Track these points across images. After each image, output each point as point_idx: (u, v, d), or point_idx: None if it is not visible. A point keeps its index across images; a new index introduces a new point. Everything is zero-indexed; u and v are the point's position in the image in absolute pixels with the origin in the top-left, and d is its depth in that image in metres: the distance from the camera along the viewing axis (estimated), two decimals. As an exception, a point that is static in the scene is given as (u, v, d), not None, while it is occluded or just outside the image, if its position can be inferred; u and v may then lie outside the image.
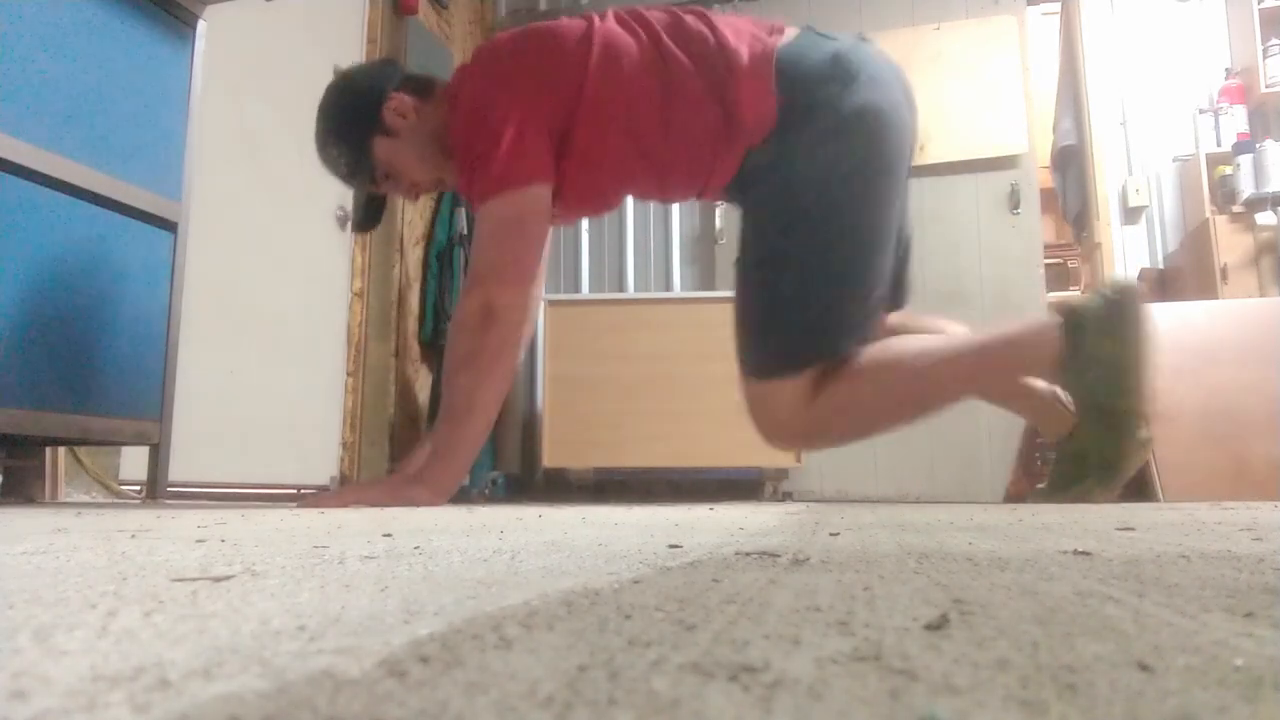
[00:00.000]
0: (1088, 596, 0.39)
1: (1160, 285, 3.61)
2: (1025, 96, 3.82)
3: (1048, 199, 4.24)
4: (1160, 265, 3.72)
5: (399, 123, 1.63)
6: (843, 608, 0.35)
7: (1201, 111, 3.68)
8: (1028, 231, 3.80)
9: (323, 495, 1.69)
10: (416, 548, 0.63)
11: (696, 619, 0.32)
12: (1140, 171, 3.78)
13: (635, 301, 3.68)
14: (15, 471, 1.86)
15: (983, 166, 3.82)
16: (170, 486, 1.91)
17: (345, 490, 1.74)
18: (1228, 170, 3.49)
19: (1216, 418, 2.56)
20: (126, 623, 0.31)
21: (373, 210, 1.76)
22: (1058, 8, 4.12)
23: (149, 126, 1.83)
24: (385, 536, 0.74)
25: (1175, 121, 3.77)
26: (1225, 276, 3.28)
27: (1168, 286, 3.59)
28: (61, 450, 1.98)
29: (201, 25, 1.96)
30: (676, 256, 4.19)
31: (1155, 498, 2.48)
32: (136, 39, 1.81)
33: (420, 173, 1.67)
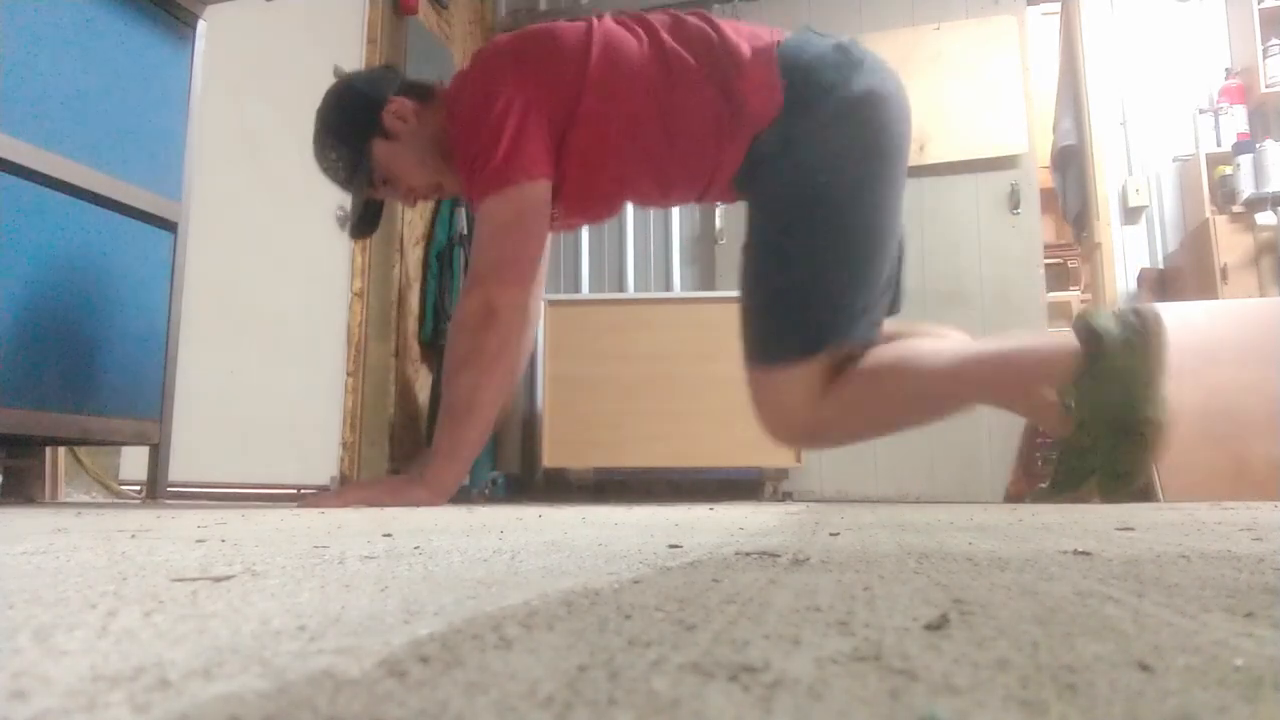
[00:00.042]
0: (1088, 596, 0.39)
1: (1160, 285, 3.61)
2: (1025, 96, 3.82)
3: (1048, 199, 4.24)
4: (1160, 265, 3.72)
5: (399, 126, 1.63)
6: (843, 608, 0.35)
7: (1201, 111, 3.68)
8: (1028, 231, 3.80)
9: (323, 495, 1.69)
10: (416, 548, 0.63)
11: (696, 619, 0.32)
12: (1140, 171, 3.78)
13: (635, 301, 3.68)
14: (15, 471, 1.86)
15: (983, 166, 3.82)
16: (170, 486, 1.91)
17: (345, 490, 1.74)
18: (1228, 170, 3.49)
19: (1216, 418, 2.55)
20: (126, 623, 0.31)
21: (369, 216, 1.76)
22: (1058, 8, 4.12)
23: (149, 126, 1.83)
24: (385, 536, 0.74)
25: (1175, 121, 3.77)
26: (1225, 276, 3.28)
27: (1168, 286, 3.59)
28: (61, 450, 1.97)
29: (201, 25, 1.96)
30: (676, 256, 4.19)
31: (1155, 498, 2.48)
32: (136, 39, 1.81)
33: (419, 177, 1.67)
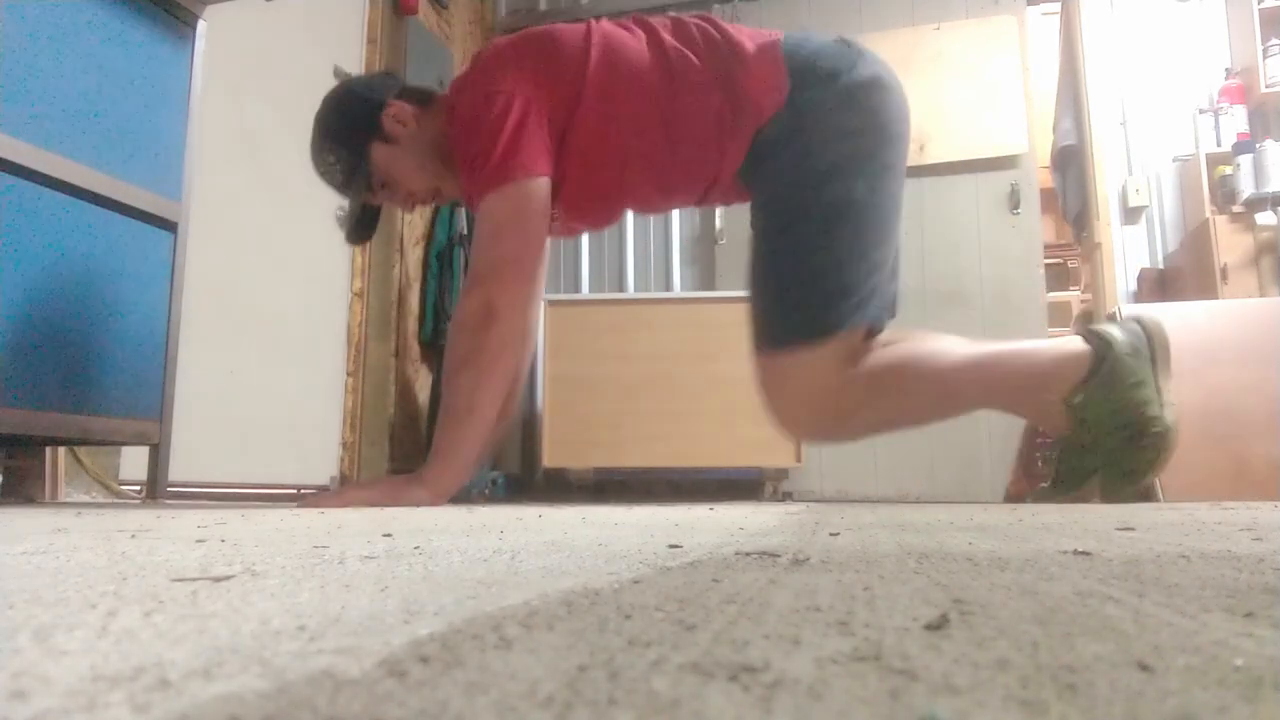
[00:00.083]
0: (1088, 596, 0.39)
1: (1160, 285, 3.61)
2: (1025, 96, 3.82)
3: (1048, 199, 4.24)
4: (1160, 265, 3.72)
5: (398, 130, 1.63)
6: (843, 608, 0.35)
7: (1201, 111, 3.68)
8: (1028, 231, 3.80)
9: (323, 495, 1.69)
10: (416, 548, 0.63)
11: (696, 619, 0.32)
12: (1140, 171, 3.78)
13: (635, 301, 3.68)
14: (15, 471, 1.86)
15: (983, 166, 3.82)
16: (170, 486, 1.91)
17: (345, 490, 1.74)
18: (1228, 170, 3.49)
19: (1216, 418, 2.55)
20: (126, 623, 0.31)
21: (366, 221, 1.76)
22: (1058, 8, 4.12)
23: (149, 126, 1.83)
24: (385, 536, 0.74)
25: (1175, 121, 3.77)
26: (1225, 276, 3.28)
27: (1168, 286, 3.59)
28: (61, 450, 1.97)
29: (201, 25, 1.96)
30: (676, 256, 4.19)
31: (1155, 498, 2.47)
32: (136, 39, 1.81)
33: (418, 181, 1.67)
